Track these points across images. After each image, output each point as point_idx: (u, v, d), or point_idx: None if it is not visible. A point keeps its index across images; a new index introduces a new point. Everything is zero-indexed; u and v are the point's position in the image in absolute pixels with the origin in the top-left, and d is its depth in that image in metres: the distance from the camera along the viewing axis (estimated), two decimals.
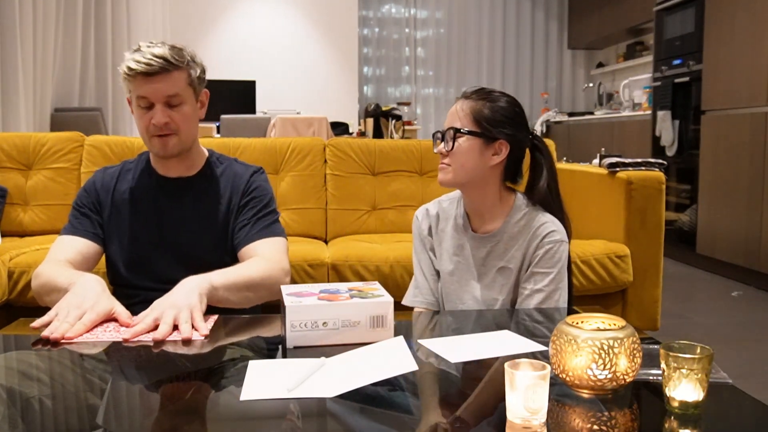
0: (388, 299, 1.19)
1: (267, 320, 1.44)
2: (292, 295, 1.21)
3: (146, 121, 1.50)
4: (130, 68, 1.46)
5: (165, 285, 1.34)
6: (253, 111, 6.71)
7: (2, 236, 2.59)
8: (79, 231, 1.58)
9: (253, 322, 1.39)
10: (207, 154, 1.69)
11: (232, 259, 1.58)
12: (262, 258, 1.52)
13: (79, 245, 1.56)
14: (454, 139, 1.45)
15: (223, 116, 5.24)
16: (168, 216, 1.61)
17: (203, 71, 1.59)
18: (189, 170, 1.64)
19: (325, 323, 1.16)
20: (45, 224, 2.68)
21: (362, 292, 1.23)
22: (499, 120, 1.45)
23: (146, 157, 1.67)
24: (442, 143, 1.48)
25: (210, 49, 6.89)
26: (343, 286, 1.28)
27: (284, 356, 1.14)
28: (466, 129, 1.45)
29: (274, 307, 1.55)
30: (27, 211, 2.71)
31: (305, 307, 1.15)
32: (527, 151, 1.54)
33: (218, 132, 5.48)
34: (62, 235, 1.59)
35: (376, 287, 1.27)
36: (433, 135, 1.53)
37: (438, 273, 1.60)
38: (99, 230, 1.61)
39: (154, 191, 1.62)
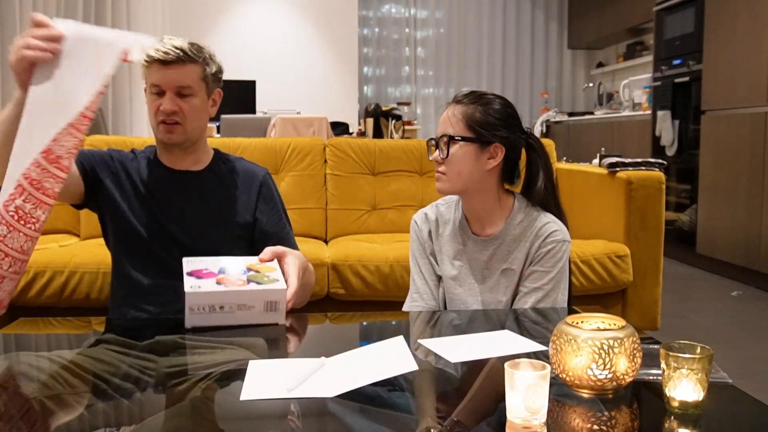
0: (281, 287, 1.28)
1: None
2: (192, 275, 1.28)
3: (155, 107, 1.55)
4: (148, 55, 1.52)
5: (167, 277, 1.34)
6: (253, 111, 6.71)
7: None
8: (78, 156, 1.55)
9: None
10: (213, 152, 1.71)
11: (239, 253, 1.58)
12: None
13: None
14: (448, 146, 1.44)
15: (223, 116, 5.23)
16: (172, 208, 1.60)
17: (220, 71, 1.64)
18: (196, 165, 1.65)
19: (222, 307, 1.24)
20: (45, 224, 2.67)
21: (259, 274, 1.32)
22: (492, 123, 1.44)
23: (153, 149, 1.68)
24: (437, 151, 1.48)
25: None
26: (242, 265, 1.35)
27: (185, 329, 1.22)
28: (460, 135, 1.44)
29: None
30: None
31: (205, 293, 1.24)
32: (523, 151, 1.53)
33: (218, 132, 5.48)
34: None
35: (273, 268, 1.36)
36: (427, 142, 1.53)
37: (439, 278, 1.59)
38: (90, 174, 1.57)
39: (160, 182, 1.63)
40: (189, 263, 1.33)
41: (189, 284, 1.25)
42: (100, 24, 4.74)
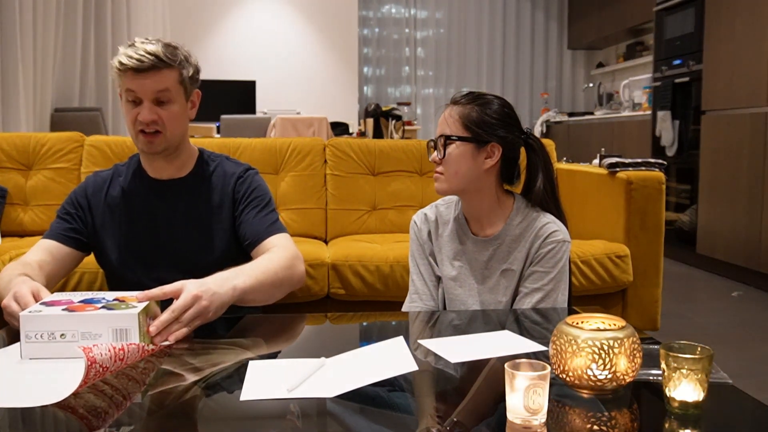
0: (132, 312, 1.10)
1: (267, 320, 1.44)
2: (43, 303, 1.15)
3: (133, 116, 1.50)
4: (121, 62, 1.46)
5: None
6: (253, 111, 6.72)
7: (2, 236, 2.59)
8: (53, 234, 1.59)
9: (253, 322, 1.39)
10: (197, 153, 1.67)
11: (227, 259, 1.56)
12: (279, 248, 1.52)
13: (51, 247, 1.57)
14: (446, 146, 1.45)
15: (223, 116, 5.23)
16: (161, 218, 1.60)
17: (197, 71, 1.58)
18: (180, 171, 1.63)
19: (63, 335, 1.08)
20: (45, 224, 2.67)
21: (121, 303, 1.15)
22: (489, 122, 1.45)
23: (137, 159, 1.65)
24: (435, 151, 1.48)
25: (210, 49, 6.89)
26: (109, 296, 1.20)
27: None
28: (456, 135, 1.44)
29: (274, 307, 1.55)
30: (27, 211, 2.71)
31: (42, 317, 1.08)
32: (523, 151, 1.53)
33: (218, 132, 5.48)
34: (41, 239, 1.60)
35: (134, 298, 1.17)
36: (427, 144, 1.53)
37: (438, 278, 1.59)
38: (77, 234, 1.60)
39: (145, 194, 1.61)
40: (59, 296, 1.19)
41: (29, 309, 1.11)
42: (100, 24, 4.74)
